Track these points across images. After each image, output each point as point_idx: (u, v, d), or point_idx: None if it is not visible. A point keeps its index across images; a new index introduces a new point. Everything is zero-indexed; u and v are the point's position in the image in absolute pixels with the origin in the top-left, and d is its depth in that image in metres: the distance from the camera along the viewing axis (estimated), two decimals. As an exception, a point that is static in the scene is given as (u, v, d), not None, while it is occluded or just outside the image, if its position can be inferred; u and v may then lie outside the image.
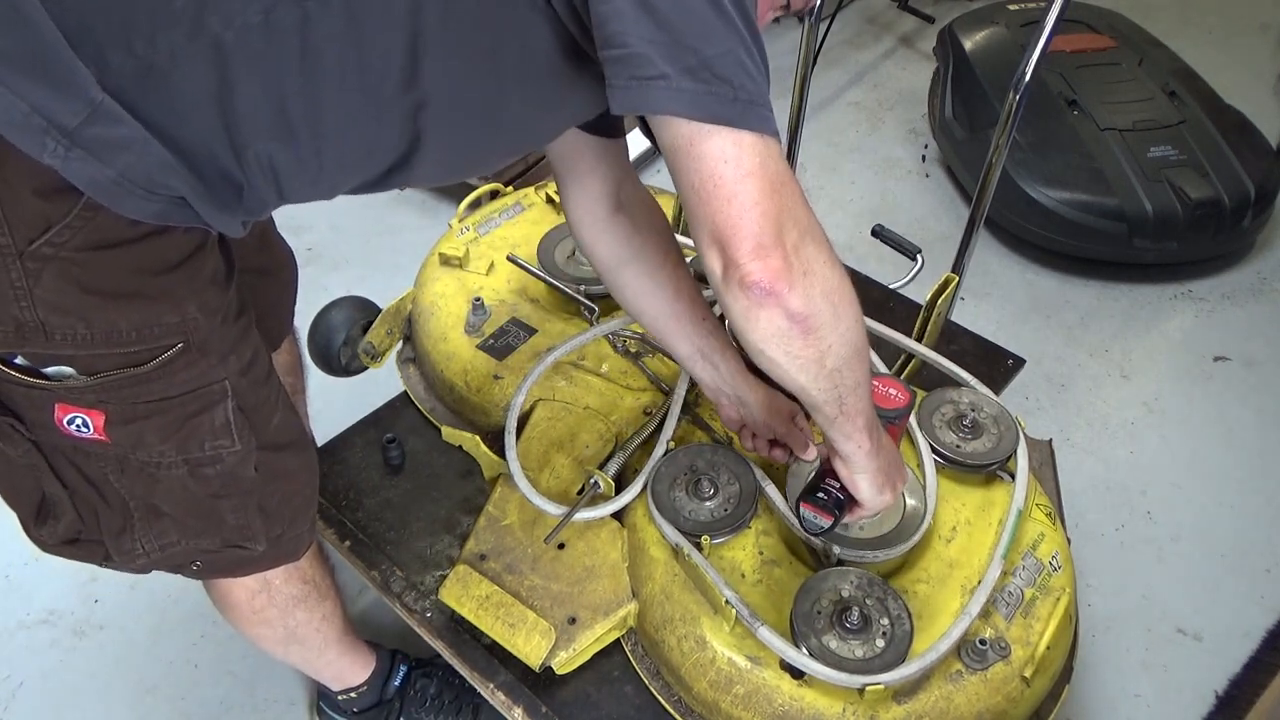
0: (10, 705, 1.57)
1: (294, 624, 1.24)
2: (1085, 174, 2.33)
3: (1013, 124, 1.44)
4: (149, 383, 0.88)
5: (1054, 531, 1.20)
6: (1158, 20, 3.01)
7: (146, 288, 0.84)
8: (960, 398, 1.31)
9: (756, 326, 0.82)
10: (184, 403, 0.91)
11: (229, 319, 0.94)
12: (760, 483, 1.19)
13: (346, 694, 1.44)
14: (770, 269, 0.78)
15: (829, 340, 0.84)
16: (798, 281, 0.79)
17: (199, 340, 0.89)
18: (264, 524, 1.06)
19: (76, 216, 0.78)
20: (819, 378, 0.87)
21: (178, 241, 0.85)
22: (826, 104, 3.08)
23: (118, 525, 1.00)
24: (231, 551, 1.07)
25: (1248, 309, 2.39)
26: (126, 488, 0.96)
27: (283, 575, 1.18)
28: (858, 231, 2.54)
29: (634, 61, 0.75)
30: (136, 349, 0.86)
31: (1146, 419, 2.10)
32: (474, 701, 1.49)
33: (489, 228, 1.63)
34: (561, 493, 1.25)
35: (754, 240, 0.78)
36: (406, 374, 1.53)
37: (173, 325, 0.87)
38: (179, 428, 0.92)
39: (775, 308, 0.80)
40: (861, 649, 1.04)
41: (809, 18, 1.65)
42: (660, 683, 1.17)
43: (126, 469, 0.94)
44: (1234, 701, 1.62)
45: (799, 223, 0.80)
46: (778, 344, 0.83)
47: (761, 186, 0.77)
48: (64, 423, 0.88)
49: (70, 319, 0.82)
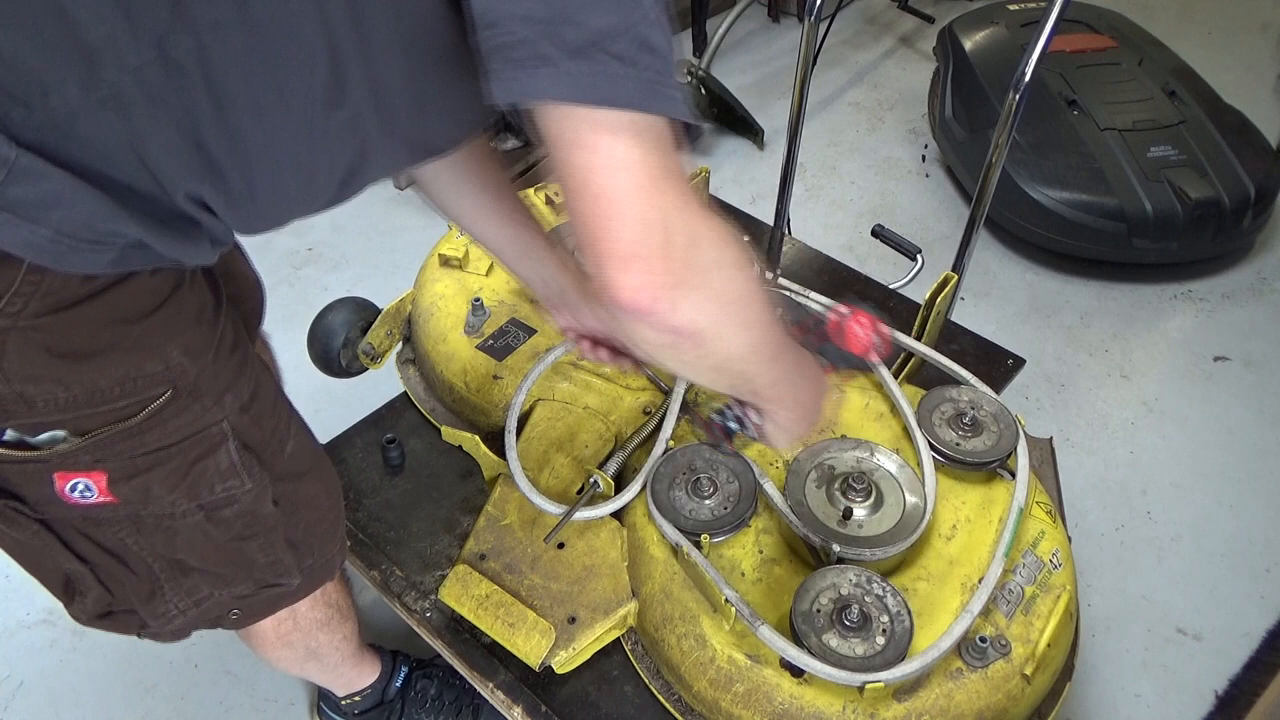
0: (10, 705, 1.57)
1: (315, 645, 1.24)
2: (1085, 174, 2.33)
3: (1013, 124, 1.44)
4: (142, 434, 0.83)
5: (1054, 529, 1.20)
6: (1158, 20, 3.01)
7: (120, 340, 0.79)
8: (960, 396, 1.31)
9: (639, 341, 0.73)
10: (184, 450, 0.86)
11: (221, 355, 0.88)
12: (760, 481, 1.19)
13: (350, 698, 1.45)
14: (641, 286, 0.67)
15: (730, 348, 0.76)
16: (682, 296, 0.68)
17: (188, 385, 0.84)
18: (294, 557, 1.03)
19: (23, 283, 0.71)
20: (722, 379, 0.81)
21: (148, 285, 0.79)
22: (826, 104, 3.08)
23: (146, 590, 0.96)
24: (266, 592, 1.04)
25: (1248, 309, 2.39)
26: (147, 548, 0.92)
27: (308, 602, 1.16)
28: (858, 231, 2.54)
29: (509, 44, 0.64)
30: (123, 404, 0.81)
31: (1146, 419, 2.10)
32: (474, 702, 1.49)
33: (489, 228, 1.63)
34: (561, 492, 1.25)
35: (625, 247, 0.66)
36: (406, 375, 1.53)
37: (157, 374, 0.82)
38: (184, 475, 0.87)
39: (656, 325, 0.69)
40: (861, 647, 1.04)
41: (809, 17, 1.65)
42: (660, 682, 1.17)
43: (142, 528, 0.90)
44: (1234, 701, 1.61)
45: (688, 225, 0.68)
46: (667, 355, 0.75)
47: (639, 182, 0.65)
48: (67, 491, 0.83)
49: (47, 385, 0.76)
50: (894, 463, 1.21)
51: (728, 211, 2.00)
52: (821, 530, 1.13)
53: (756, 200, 2.64)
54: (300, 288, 2.31)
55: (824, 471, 1.20)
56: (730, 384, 0.84)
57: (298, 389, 1.77)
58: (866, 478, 1.17)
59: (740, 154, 2.85)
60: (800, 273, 1.88)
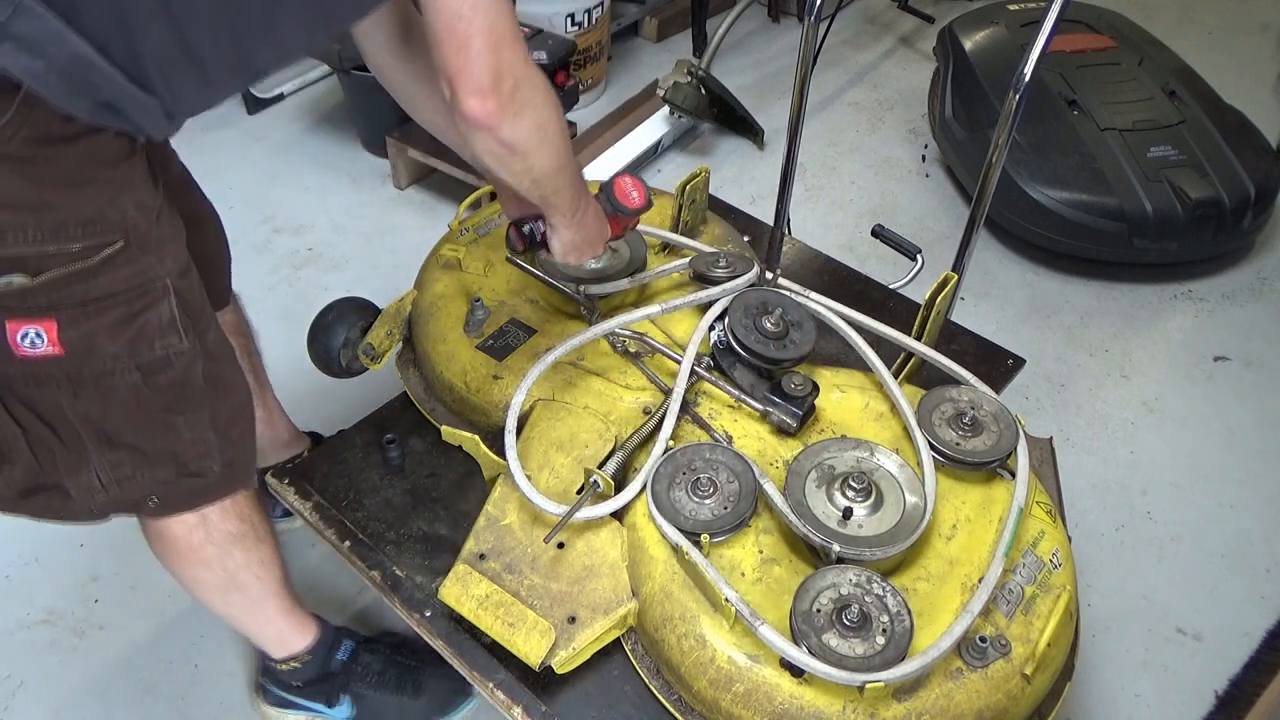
0: (10, 705, 1.57)
1: (233, 566, 1.25)
2: (1085, 174, 2.33)
3: (1013, 124, 1.44)
4: (95, 278, 0.93)
5: (1054, 529, 1.20)
6: (1158, 20, 3.01)
7: (91, 180, 0.91)
8: (959, 395, 1.31)
9: (475, 148, 1.04)
10: (129, 299, 0.96)
11: (163, 220, 1.00)
12: (760, 481, 1.19)
13: (289, 663, 1.43)
14: (485, 109, 0.98)
15: (533, 161, 1.07)
16: (508, 119, 1.00)
17: (138, 237, 0.95)
18: (218, 441, 1.10)
19: (15, 113, 0.83)
20: (527, 185, 1.12)
21: (112, 143, 0.92)
22: (826, 104, 3.08)
23: (74, 462, 1.02)
24: (187, 481, 1.10)
25: (1248, 309, 2.39)
26: (81, 413, 0.99)
27: (219, 512, 1.20)
28: (858, 231, 2.54)
29: None
30: (81, 245, 0.91)
31: (1146, 419, 2.10)
32: (416, 679, 1.50)
33: (489, 229, 1.63)
34: (561, 492, 1.25)
35: (474, 84, 0.97)
36: (406, 375, 1.53)
37: (114, 222, 0.93)
38: (128, 326, 0.97)
39: (489, 137, 1.02)
40: (861, 647, 1.04)
41: (809, 17, 1.65)
42: (660, 681, 1.17)
43: (80, 389, 0.98)
44: (1234, 701, 1.62)
45: (515, 71, 0.98)
46: (493, 161, 1.06)
47: (487, 42, 0.95)
48: (17, 339, 0.93)
49: (21, 215, 0.87)
50: (894, 462, 1.21)
51: (728, 211, 2.00)
52: (821, 530, 1.13)
53: (756, 200, 2.64)
54: (300, 288, 2.31)
55: (824, 471, 1.20)
56: (540, 195, 1.15)
57: (298, 389, 1.79)
58: (866, 478, 1.17)
59: (740, 154, 2.85)
60: (800, 273, 1.88)
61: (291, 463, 1.48)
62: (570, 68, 2.57)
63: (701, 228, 1.71)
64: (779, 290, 1.46)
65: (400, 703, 1.48)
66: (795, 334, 1.37)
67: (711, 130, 2.89)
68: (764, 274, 1.49)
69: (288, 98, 2.95)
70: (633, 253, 1.51)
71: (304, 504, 1.42)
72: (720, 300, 1.40)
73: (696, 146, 2.87)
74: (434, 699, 1.50)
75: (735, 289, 1.41)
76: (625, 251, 1.51)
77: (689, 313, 1.44)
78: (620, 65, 3.18)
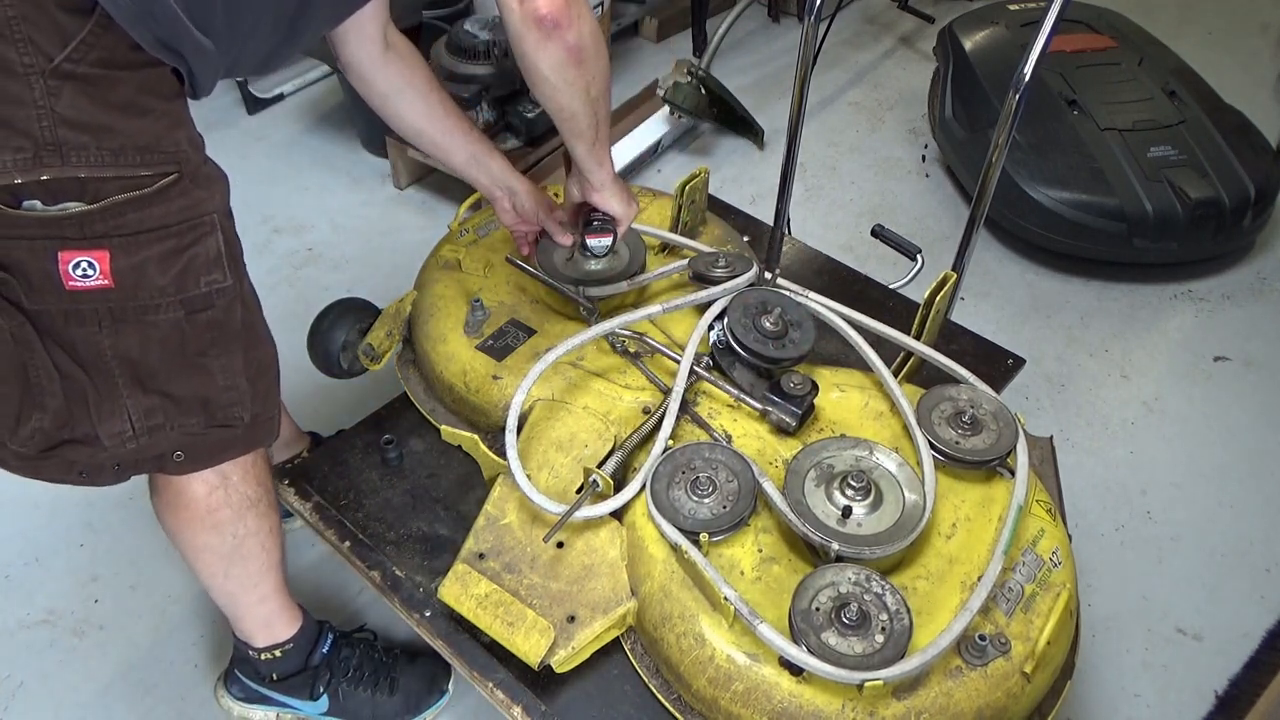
0: (10, 705, 1.57)
1: (243, 532, 1.25)
2: (1085, 174, 2.33)
3: (1013, 124, 1.44)
4: (150, 206, 0.95)
5: (1054, 527, 1.20)
6: (1158, 20, 3.01)
7: (151, 109, 0.94)
8: (959, 394, 1.31)
9: (545, 56, 1.11)
10: (181, 231, 0.98)
11: (208, 161, 1.03)
12: (759, 480, 1.19)
13: (270, 651, 1.42)
14: (555, 7, 1.07)
15: (593, 71, 1.15)
16: (574, 21, 1.09)
17: (191, 170, 0.98)
18: (249, 390, 1.11)
19: (89, 33, 0.87)
20: (586, 103, 1.19)
21: (169, 79, 0.96)
22: (826, 104, 3.08)
23: (107, 409, 1.03)
24: (215, 433, 1.11)
25: (1248, 309, 2.39)
26: (120, 353, 1.00)
27: (240, 473, 1.20)
28: (858, 231, 2.54)
29: None
30: (139, 172, 0.93)
31: (1146, 419, 2.10)
32: (392, 675, 1.50)
33: (488, 229, 1.63)
34: (561, 492, 1.26)
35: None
36: (406, 375, 1.53)
37: (169, 153, 0.95)
38: (178, 258, 0.99)
39: (558, 40, 1.10)
40: (860, 645, 1.04)
41: (809, 17, 1.65)
42: (659, 680, 1.17)
43: (122, 325, 0.99)
44: (1234, 701, 1.61)
45: None
46: (559, 72, 1.13)
47: None
48: (69, 269, 0.93)
49: (84, 136, 0.89)
50: (893, 461, 1.21)
51: (728, 211, 2.00)
52: (820, 529, 1.13)
53: (756, 200, 2.64)
54: (300, 288, 2.31)
55: (823, 470, 1.20)
56: (588, 112, 1.21)
57: (298, 389, 1.79)
58: (866, 476, 1.17)
59: (740, 154, 2.85)
60: (800, 273, 1.88)
61: (291, 463, 1.48)
62: (570, 68, 2.57)
63: (701, 228, 1.71)
64: (778, 290, 1.46)
65: (375, 699, 1.48)
66: (794, 333, 1.37)
67: (711, 130, 2.89)
68: (763, 274, 1.49)
69: (288, 98, 2.95)
70: (632, 254, 1.51)
71: (304, 504, 1.42)
72: (720, 300, 1.40)
73: (696, 146, 2.87)
74: (408, 696, 1.50)
75: (734, 289, 1.41)
76: (625, 252, 1.51)
77: (688, 313, 1.44)
78: (620, 65, 3.18)
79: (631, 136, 2.70)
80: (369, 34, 1.25)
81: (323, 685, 1.46)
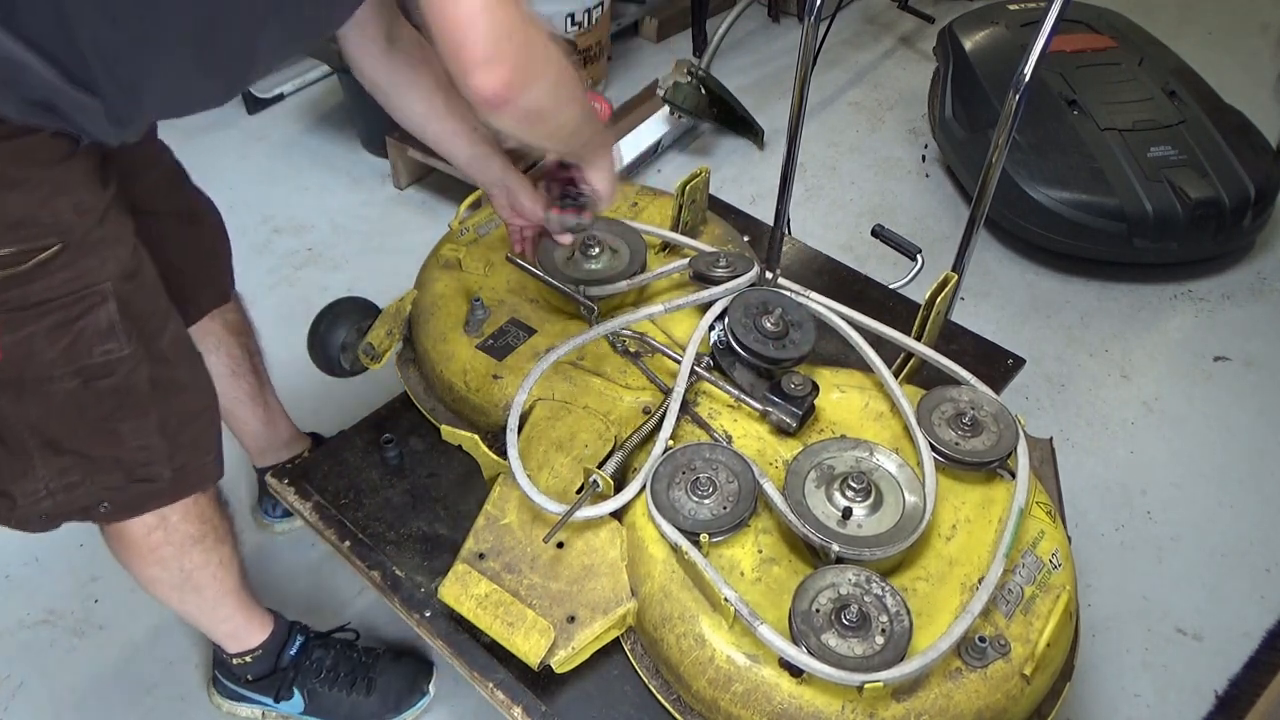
0: (10, 705, 1.57)
1: (190, 566, 1.24)
2: (1085, 174, 2.33)
3: (1013, 124, 1.44)
4: (30, 282, 0.90)
5: (1054, 529, 1.20)
6: (1158, 20, 3.01)
7: (20, 181, 0.87)
8: (959, 396, 1.31)
9: (497, 123, 0.98)
10: (66, 304, 0.93)
11: (109, 222, 0.96)
12: (759, 481, 1.19)
13: (241, 658, 1.44)
14: (496, 80, 0.89)
15: (560, 120, 1.03)
16: (523, 88, 0.92)
17: (76, 240, 0.91)
18: (166, 447, 1.07)
19: None
20: (561, 143, 1.12)
21: (48, 143, 0.88)
22: (826, 104, 3.08)
23: (19, 468, 1.00)
24: (137, 486, 1.08)
25: (1248, 309, 2.39)
26: (23, 418, 0.97)
27: (180, 512, 1.18)
28: (858, 231, 2.54)
29: None
30: (14, 249, 0.88)
31: (1146, 419, 2.10)
32: (369, 676, 1.50)
33: (489, 228, 1.63)
34: (561, 492, 1.25)
35: (480, 54, 0.87)
36: (406, 374, 1.53)
37: (47, 225, 0.89)
38: (65, 331, 0.94)
39: (509, 110, 0.93)
40: (860, 647, 1.04)
41: (809, 17, 1.65)
42: (659, 681, 1.17)
43: (22, 394, 0.96)
44: (1234, 701, 1.61)
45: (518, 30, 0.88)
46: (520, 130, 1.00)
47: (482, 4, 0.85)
48: None
49: None
50: (893, 462, 1.21)
51: (728, 211, 2.00)
52: (821, 530, 1.13)
53: (756, 200, 2.64)
54: (300, 288, 2.31)
55: (823, 471, 1.20)
56: (568, 146, 1.14)
57: (298, 389, 1.79)
58: (866, 477, 1.17)
59: (740, 154, 2.85)
60: (800, 273, 1.88)
61: (291, 463, 1.48)
62: (570, 68, 2.57)
63: (701, 228, 1.71)
64: (779, 290, 1.46)
65: (352, 699, 1.49)
66: (795, 334, 1.37)
67: (711, 130, 2.89)
68: (764, 274, 1.49)
69: (288, 98, 2.95)
70: (633, 253, 1.51)
71: (304, 504, 1.42)
72: (720, 300, 1.40)
73: (696, 146, 2.87)
74: (386, 697, 1.51)
75: (735, 289, 1.41)
76: (625, 252, 1.51)
77: (689, 312, 1.44)
78: (620, 65, 3.18)
79: (631, 136, 2.69)
80: (370, 33, 1.20)
81: (293, 686, 1.47)
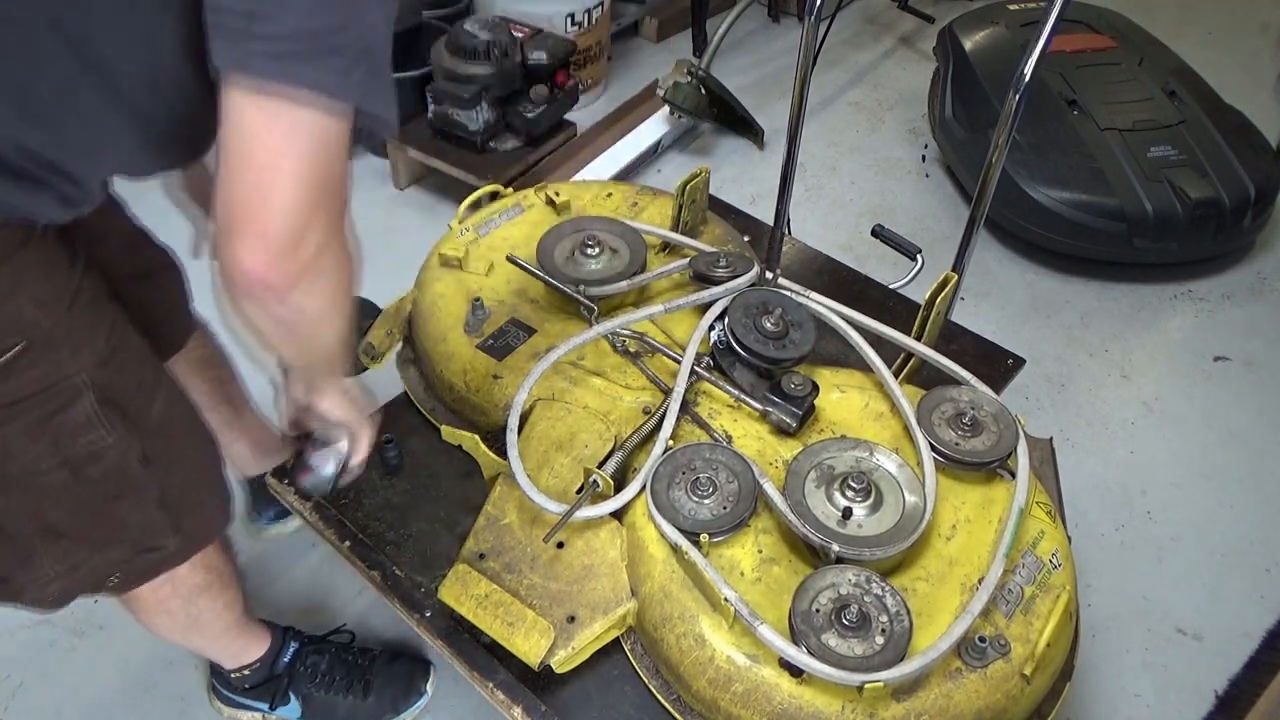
0: (10, 705, 1.57)
1: (196, 612, 1.24)
2: (1085, 174, 2.33)
3: (1013, 124, 1.44)
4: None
5: (1054, 529, 1.20)
6: (1158, 20, 3.01)
7: None
8: (960, 396, 1.31)
9: (245, 312, 0.78)
10: (41, 402, 0.88)
11: (77, 309, 0.89)
12: (759, 481, 1.19)
13: (240, 671, 1.45)
14: (275, 271, 0.72)
15: (321, 333, 0.84)
16: (302, 285, 0.75)
17: (42, 335, 0.85)
18: (168, 518, 1.04)
19: None
20: (301, 358, 0.91)
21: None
22: (826, 104, 3.08)
23: (20, 555, 0.97)
24: (145, 557, 1.06)
25: (1248, 309, 2.39)
26: (16, 510, 0.94)
27: (187, 566, 1.16)
28: (858, 231, 2.54)
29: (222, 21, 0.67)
30: None
31: (1146, 419, 2.10)
32: (366, 679, 1.51)
33: (489, 228, 1.63)
34: (561, 492, 1.25)
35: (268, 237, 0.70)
36: (406, 375, 1.53)
37: (7, 326, 0.83)
38: (44, 427, 0.89)
39: (269, 303, 0.75)
40: (861, 647, 1.04)
41: (809, 17, 1.65)
42: (659, 681, 1.17)
43: (10, 488, 0.92)
44: (1234, 701, 1.61)
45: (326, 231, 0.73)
46: (267, 330, 0.82)
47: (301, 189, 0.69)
48: None
49: None
50: (893, 462, 1.21)
51: (728, 211, 2.00)
52: (821, 530, 1.13)
53: (756, 200, 2.64)
54: (300, 288, 2.31)
55: (823, 471, 1.20)
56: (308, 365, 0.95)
57: (297, 389, 1.79)
58: (866, 477, 1.17)
59: (740, 154, 2.85)
60: (800, 273, 1.88)
61: (291, 463, 1.48)
62: (570, 68, 2.58)
63: (701, 228, 1.71)
64: (779, 290, 1.46)
65: (349, 703, 1.49)
66: (795, 334, 1.37)
67: (711, 130, 2.89)
68: (764, 274, 1.49)
69: (288, 98, 2.95)
70: (633, 253, 1.51)
71: (304, 504, 1.42)
72: (720, 300, 1.40)
73: (696, 146, 2.87)
74: (383, 699, 1.51)
75: (735, 289, 1.41)
76: (625, 252, 1.51)
77: (689, 312, 1.44)
78: (620, 65, 3.18)
79: (631, 136, 2.70)
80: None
81: (289, 692, 1.48)
